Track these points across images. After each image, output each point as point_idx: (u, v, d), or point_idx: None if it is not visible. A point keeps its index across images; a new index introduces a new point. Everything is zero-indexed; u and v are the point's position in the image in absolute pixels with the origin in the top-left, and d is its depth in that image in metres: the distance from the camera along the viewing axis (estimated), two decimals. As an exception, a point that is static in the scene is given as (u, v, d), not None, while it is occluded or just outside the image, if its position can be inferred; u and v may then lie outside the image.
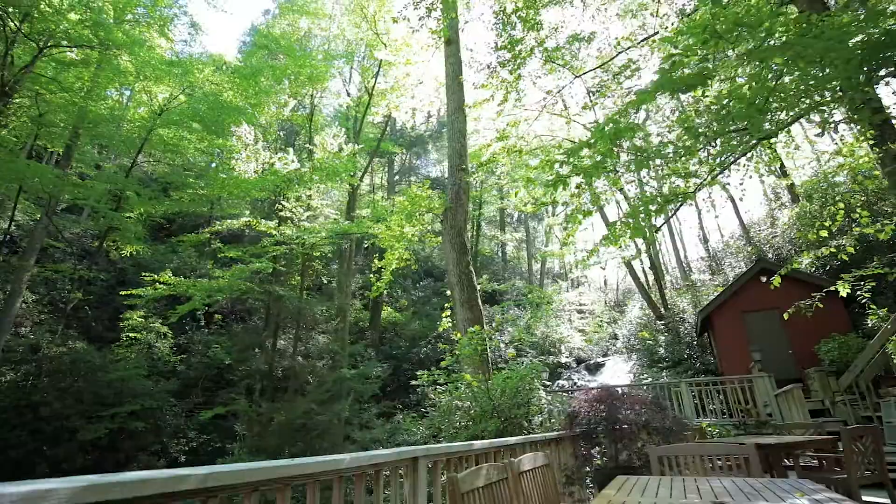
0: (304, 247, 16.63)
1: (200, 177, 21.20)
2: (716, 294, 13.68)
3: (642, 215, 5.27)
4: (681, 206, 5.50)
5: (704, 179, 5.16)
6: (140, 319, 17.51)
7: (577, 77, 10.14)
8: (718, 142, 5.05)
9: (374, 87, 20.15)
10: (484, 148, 9.71)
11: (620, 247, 7.04)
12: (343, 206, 22.69)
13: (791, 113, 4.70)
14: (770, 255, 14.51)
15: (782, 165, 13.87)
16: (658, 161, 4.19)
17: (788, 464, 3.84)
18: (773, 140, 4.53)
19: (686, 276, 23.16)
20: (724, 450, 2.51)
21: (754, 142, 4.50)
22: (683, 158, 4.41)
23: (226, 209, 23.83)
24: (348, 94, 24.95)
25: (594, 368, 24.29)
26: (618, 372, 21.46)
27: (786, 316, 6.65)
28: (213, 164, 25.64)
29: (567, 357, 25.25)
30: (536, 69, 10.10)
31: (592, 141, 3.76)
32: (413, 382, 5.86)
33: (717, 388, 8.15)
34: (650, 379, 12.97)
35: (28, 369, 14.09)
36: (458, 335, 10.60)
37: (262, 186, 15.12)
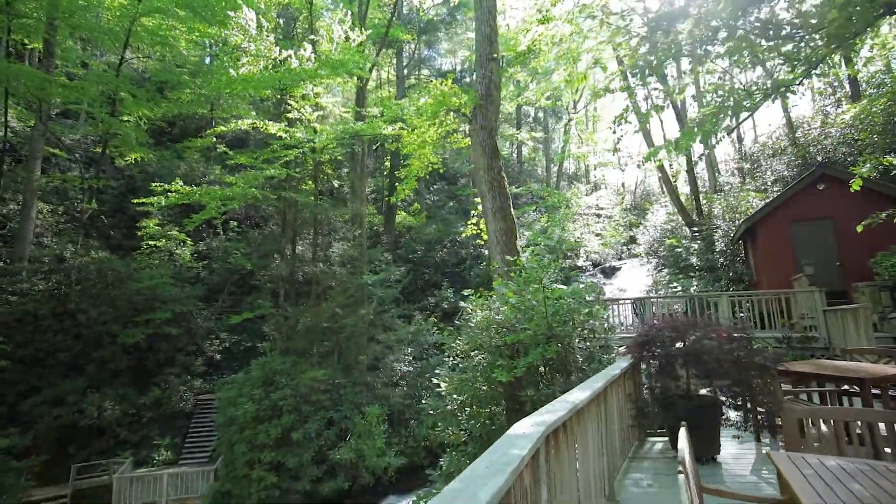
0: (315, 150, 15.65)
1: (196, 74, 19.48)
2: (761, 201, 12.79)
3: (729, 111, 4.45)
4: (778, 97, 4.63)
5: (812, 65, 4.23)
6: (157, 227, 17.42)
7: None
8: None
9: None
10: (521, 32, 8.30)
11: (687, 150, 6.19)
12: (351, 104, 20.98)
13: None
14: (820, 159, 13.34)
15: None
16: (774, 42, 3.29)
17: (876, 393, 3.61)
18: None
19: (715, 179, 22.01)
20: (885, 417, 2.15)
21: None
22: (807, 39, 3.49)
23: (226, 110, 22.34)
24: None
25: (610, 272, 24.44)
26: (635, 276, 21.55)
27: (860, 228, 6.08)
28: (208, 60, 23.48)
29: (583, 261, 25.33)
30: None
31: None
32: (462, 304, 5.60)
33: (757, 298, 7.87)
34: (679, 288, 12.81)
35: (58, 278, 14.36)
36: (486, 238, 10.21)
37: (269, 84, 13.75)
